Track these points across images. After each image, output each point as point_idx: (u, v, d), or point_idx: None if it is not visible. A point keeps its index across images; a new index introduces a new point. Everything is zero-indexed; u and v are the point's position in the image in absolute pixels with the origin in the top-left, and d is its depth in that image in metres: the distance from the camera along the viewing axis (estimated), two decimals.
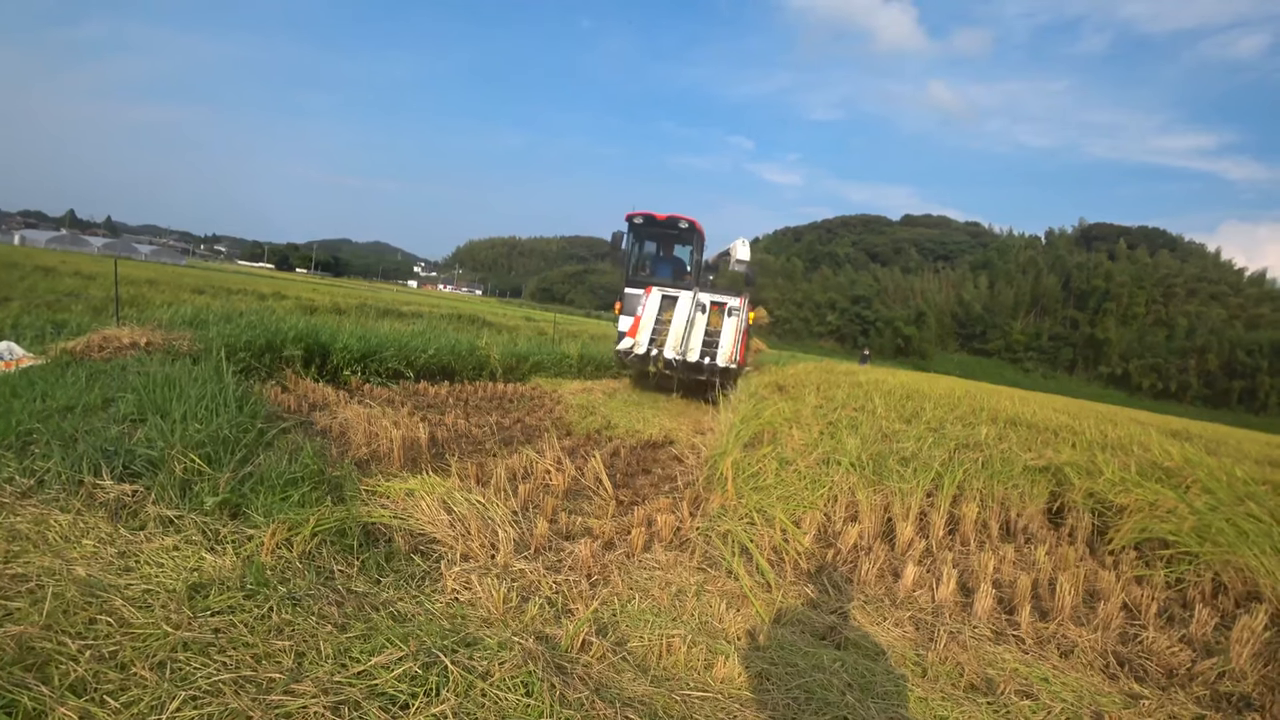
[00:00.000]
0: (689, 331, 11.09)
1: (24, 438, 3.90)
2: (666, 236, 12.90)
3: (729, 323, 11.10)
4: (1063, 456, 6.55)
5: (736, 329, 10.99)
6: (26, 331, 7.66)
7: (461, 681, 2.24)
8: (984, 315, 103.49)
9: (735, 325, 11.04)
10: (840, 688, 2.74)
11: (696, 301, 11.45)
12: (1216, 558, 4.65)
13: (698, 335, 11.06)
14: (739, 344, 10.84)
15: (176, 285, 19.82)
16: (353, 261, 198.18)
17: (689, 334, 11.06)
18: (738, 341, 10.85)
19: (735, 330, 10.97)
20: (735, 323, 11.08)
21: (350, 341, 8.69)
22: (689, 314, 11.26)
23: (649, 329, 11.17)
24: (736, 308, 11.28)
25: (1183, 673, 3.43)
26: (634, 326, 11.34)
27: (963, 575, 4.22)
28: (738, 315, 11.13)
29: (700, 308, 11.48)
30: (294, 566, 2.99)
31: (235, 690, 2.09)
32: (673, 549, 4.13)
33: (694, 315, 11.32)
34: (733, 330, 10.97)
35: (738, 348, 10.78)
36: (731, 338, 10.88)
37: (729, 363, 10.52)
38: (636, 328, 11.26)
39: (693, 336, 11.05)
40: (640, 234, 13.03)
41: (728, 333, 10.93)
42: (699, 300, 11.48)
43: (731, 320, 11.15)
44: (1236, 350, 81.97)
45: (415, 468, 4.85)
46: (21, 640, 2.13)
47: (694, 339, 11.02)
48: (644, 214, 12.38)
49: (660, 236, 12.99)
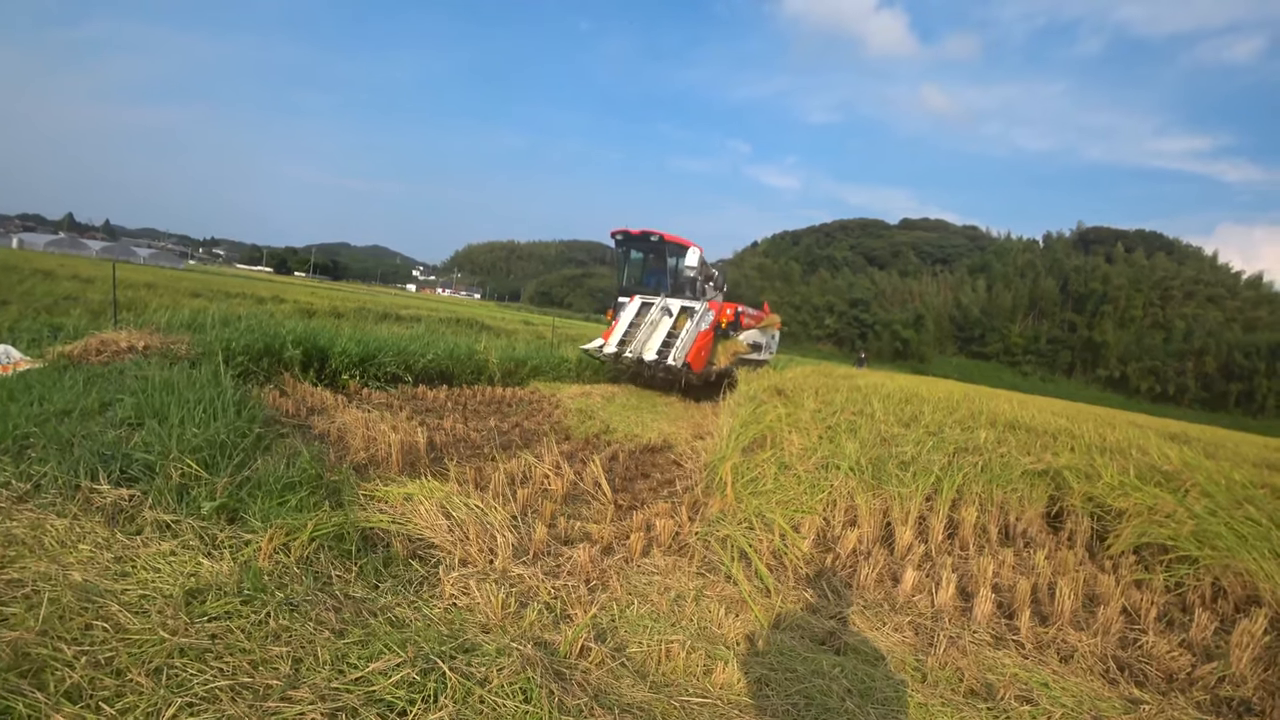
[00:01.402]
0: (651, 333, 12.17)
1: (21, 442, 3.88)
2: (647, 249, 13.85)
3: (688, 326, 11.86)
4: (1061, 460, 6.54)
5: (694, 331, 11.68)
6: (24, 335, 7.64)
7: (460, 688, 2.23)
8: (982, 318, 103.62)
9: (694, 328, 11.74)
10: (840, 693, 2.73)
11: (664, 307, 12.58)
12: (1216, 562, 4.64)
13: (658, 337, 12.00)
14: (693, 345, 11.50)
15: (175, 289, 19.78)
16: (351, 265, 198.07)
17: (651, 336, 12.12)
18: (691, 343, 11.52)
19: (692, 333, 11.68)
20: (694, 326, 11.80)
21: (349, 345, 8.67)
22: (655, 318, 12.40)
23: (621, 331, 12.40)
24: (699, 312, 12.07)
25: (1183, 677, 3.42)
26: (609, 330, 12.62)
27: (962, 580, 4.21)
28: (699, 319, 11.89)
29: (667, 312, 12.51)
30: (291, 572, 2.98)
31: (232, 697, 2.08)
32: (672, 554, 4.12)
33: (659, 319, 12.41)
34: (692, 333, 11.69)
35: (688, 348, 11.43)
36: (686, 339, 11.58)
37: (675, 361, 11.22)
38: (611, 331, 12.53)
39: (653, 338, 12.05)
40: (624, 248, 14.02)
41: (685, 335, 11.68)
42: (666, 305, 12.61)
43: (692, 323, 11.88)
44: (1234, 353, 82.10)
45: (414, 472, 4.84)
46: (17, 646, 2.12)
47: (654, 340, 11.98)
48: (623, 230, 13.39)
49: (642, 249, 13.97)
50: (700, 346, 11.68)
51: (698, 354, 11.60)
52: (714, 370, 12.55)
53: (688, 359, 11.31)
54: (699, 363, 11.68)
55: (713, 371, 12.54)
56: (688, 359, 11.31)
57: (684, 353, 11.37)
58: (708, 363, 12.22)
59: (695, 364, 11.53)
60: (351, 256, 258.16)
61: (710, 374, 12.58)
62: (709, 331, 12.02)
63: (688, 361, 11.29)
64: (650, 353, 11.69)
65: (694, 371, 11.59)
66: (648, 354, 11.70)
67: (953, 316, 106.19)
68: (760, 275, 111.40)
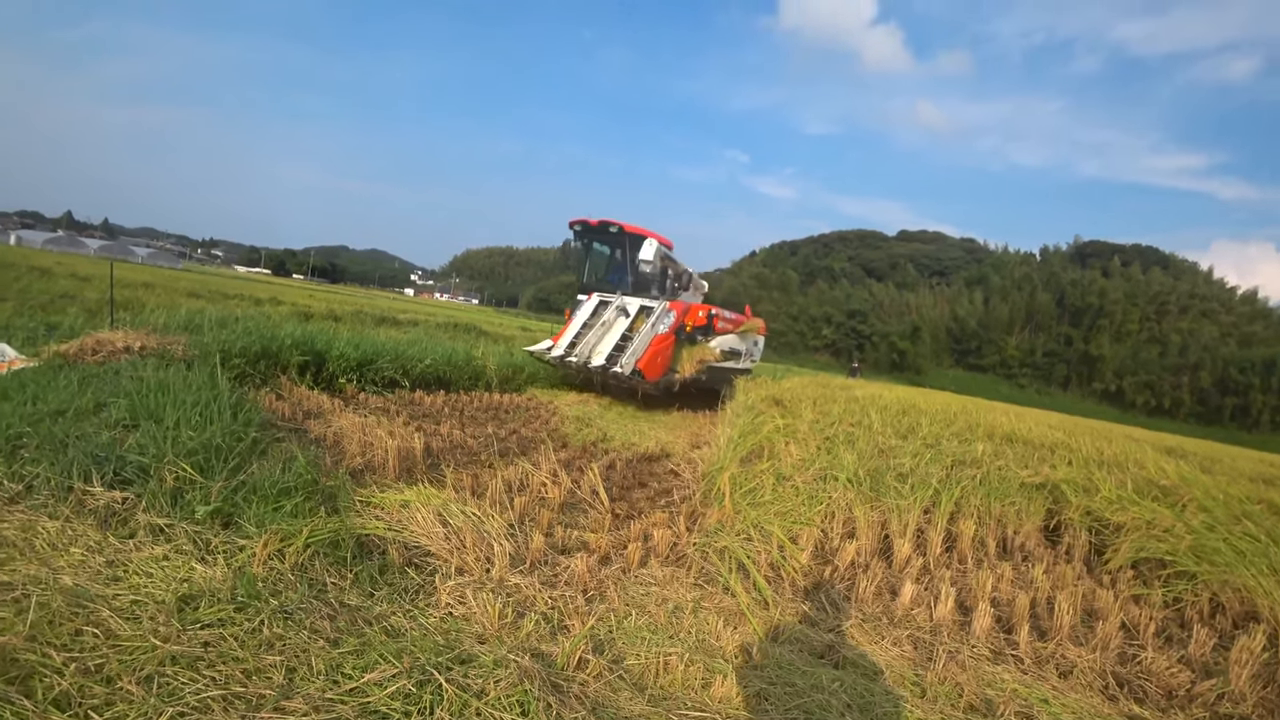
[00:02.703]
0: (604, 336, 11.09)
1: (13, 441, 3.84)
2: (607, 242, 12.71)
3: (644, 328, 10.75)
4: (1059, 474, 6.53)
5: (649, 335, 10.58)
6: (19, 333, 7.60)
7: (456, 700, 2.20)
8: (979, 331, 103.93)
9: (649, 331, 10.64)
10: (839, 708, 2.70)
11: (621, 306, 11.39)
12: (1214, 577, 4.63)
13: (610, 339, 10.90)
14: (648, 350, 10.34)
15: (172, 289, 19.73)
16: (350, 268, 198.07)
17: (603, 338, 11.05)
18: (645, 347, 10.38)
19: (647, 336, 10.54)
20: (650, 328, 10.68)
21: (346, 349, 8.64)
22: (610, 318, 11.29)
23: (572, 333, 11.35)
24: (656, 312, 10.91)
25: (1182, 694, 3.41)
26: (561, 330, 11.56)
27: (961, 593, 4.19)
28: (656, 320, 10.76)
29: (623, 312, 11.33)
30: (286, 578, 2.95)
31: (224, 707, 2.04)
32: (669, 564, 4.09)
33: (614, 320, 11.28)
34: (647, 336, 10.55)
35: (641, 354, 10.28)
36: (639, 343, 10.45)
37: (624, 368, 10.08)
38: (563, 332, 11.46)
39: (605, 340, 10.97)
40: (584, 240, 12.86)
41: (639, 338, 10.54)
42: (624, 305, 11.40)
43: (648, 325, 10.76)
44: (1229, 367, 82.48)
45: (410, 478, 4.81)
46: (4, 651, 2.08)
47: (605, 343, 10.88)
48: (581, 221, 12.23)
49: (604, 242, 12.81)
50: (656, 352, 10.43)
51: (652, 360, 10.32)
52: (676, 379, 11.13)
53: (639, 365, 10.09)
54: (654, 370, 10.35)
55: (675, 380, 11.13)
56: (639, 365, 10.09)
57: (635, 358, 10.17)
58: (668, 370, 10.89)
59: (649, 371, 10.22)
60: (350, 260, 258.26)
61: (672, 383, 11.13)
62: (668, 335, 10.76)
63: (639, 368, 10.07)
64: (599, 357, 10.58)
65: (648, 380, 10.26)
66: (596, 358, 10.58)
67: (949, 329, 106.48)
68: (758, 285, 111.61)
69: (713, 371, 12.16)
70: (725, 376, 12.91)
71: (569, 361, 10.78)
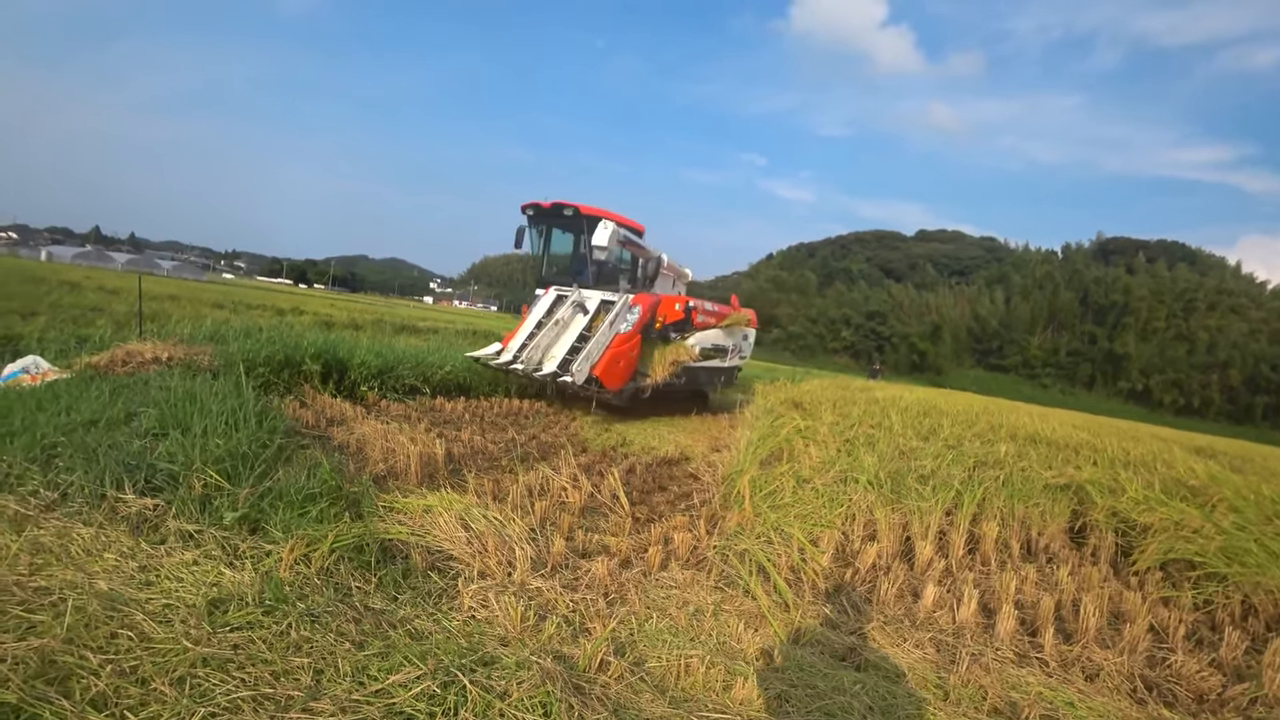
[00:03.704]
0: (558, 336, 9.69)
1: (48, 451, 3.95)
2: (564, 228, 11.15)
3: (603, 328, 9.27)
4: (1084, 474, 6.45)
5: (608, 334, 9.21)
6: (51, 345, 7.79)
7: (480, 701, 2.23)
8: (1000, 331, 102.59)
9: (608, 330, 9.24)
10: (861, 711, 2.69)
11: (578, 302, 9.92)
12: (1246, 579, 4.54)
13: (566, 341, 9.51)
14: (606, 353, 9.01)
15: (197, 300, 20.10)
16: (369, 277, 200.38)
17: (557, 340, 9.65)
18: (603, 350, 9.03)
19: (606, 336, 9.18)
20: (609, 327, 9.26)
21: (368, 357, 8.75)
22: (565, 316, 9.91)
23: (524, 333, 9.94)
24: (617, 307, 9.48)
25: (1213, 698, 3.35)
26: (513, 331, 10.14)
27: (984, 596, 4.15)
28: (616, 317, 9.37)
29: (581, 308, 9.89)
30: (312, 583, 3.00)
31: (254, 707, 2.09)
32: (690, 568, 4.10)
33: (570, 317, 9.91)
34: (605, 336, 9.17)
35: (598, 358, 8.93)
36: (595, 345, 9.05)
37: (577, 376, 8.64)
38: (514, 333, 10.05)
39: (559, 343, 9.56)
40: (539, 228, 11.38)
41: (595, 339, 9.11)
42: (582, 300, 9.92)
43: (607, 324, 9.31)
44: (1260, 365, 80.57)
45: (432, 484, 4.87)
46: (44, 653, 2.15)
47: (559, 346, 9.46)
48: (534, 204, 10.79)
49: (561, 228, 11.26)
50: (617, 354, 9.06)
51: (612, 364, 8.97)
52: (646, 385, 9.80)
53: (595, 372, 8.78)
54: (614, 377, 9.02)
55: (645, 387, 9.81)
56: (595, 372, 8.78)
57: (591, 363, 8.81)
58: (634, 375, 9.59)
59: (609, 379, 8.89)
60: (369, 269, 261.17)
61: (641, 389, 9.78)
62: (632, 334, 9.32)
63: (596, 375, 8.77)
64: (551, 362, 9.12)
65: (607, 389, 8.96)
66: (548, 364, 9.10)
67: (970, 329, 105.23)
68: (776, 287, 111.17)
69: (692, 372, 10.97)
70: (711, 377, 11.88)
71: (515, 369, 9.30)
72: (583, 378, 8.65)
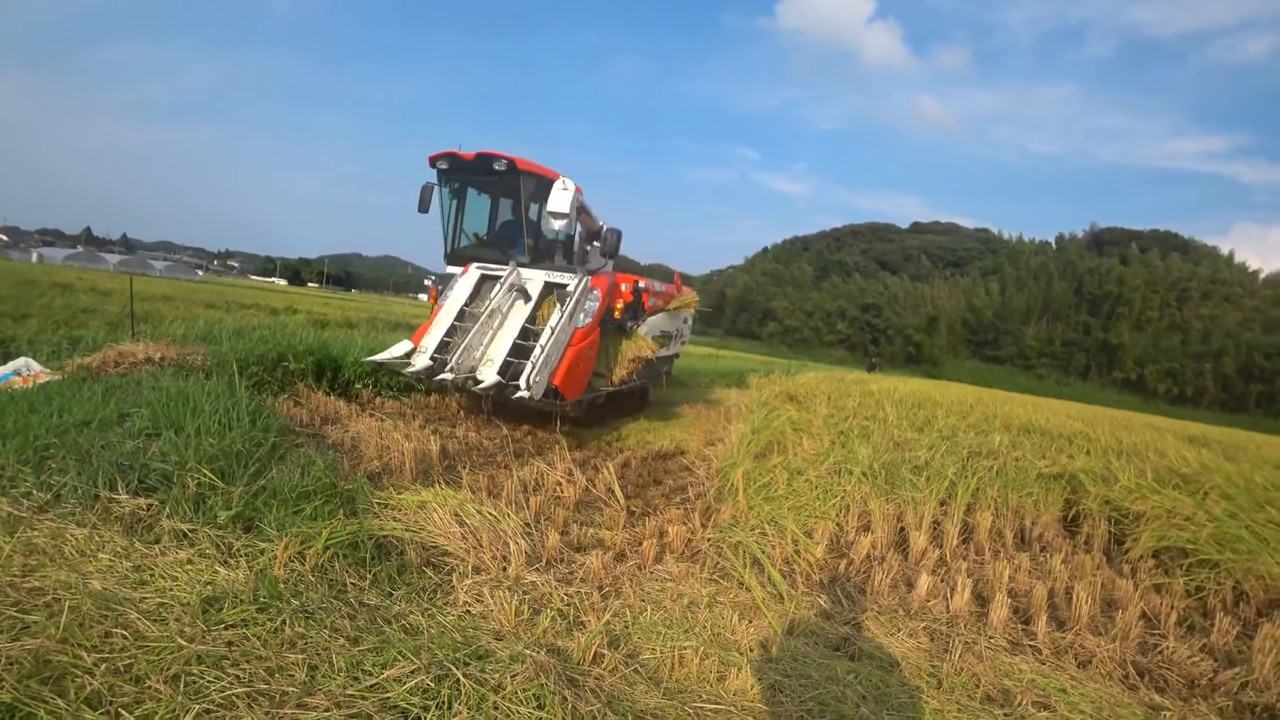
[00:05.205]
0: (494, 332, 7.23)
1: (41, 453, 3.94)
2: (491, 188, 8.58)
3: (558, 318, 6.96)
4: (1077, 464, 6.49)
5: (566, 330, 6.97)
6: (43, 347, 7.75)
7: (473, 694, 2.24)
8: (995, 322, 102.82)
9: (565, 324, 6.96)
10: (855, 700, 2.71)
11: (517, 285, 7.48)
12: (1237, 565, 4.58)
13: (505, 339, 7.10)
14: (566, 356, 6.87)
15: (190, 300, 20.03)
16: (364, 275, 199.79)
17: (495, 335, 7.21)
18: (562, 351, 6.85)
19: (565, 333, 6.94)
20: (566, 319, 6.98)
21: (362, 355, 8.73)
22: (501, 304, 7.34)
23: (443, 328, 7.36)
24: (574, 293, 7.23)
25: (1205, 683, 3.38)
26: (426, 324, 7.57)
27: (977, 585, 4.18)
28: (574, 306, 7.14)
29: (521, 294, 7.49)
30: (307, 579, 3.01)
31: (249, 704, 2.10)
32: (684, 560, 4.12)
33: (508, 307, 7.42)
34: (564, 332, 6.93)
35: (555, 362, 6.75)
36: (552, 346, 6.73)
37: (532, 388, 6.35)
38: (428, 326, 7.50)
39: (496, 342, 7.14)
40: (454, 186, 8.46)
41: (550, 339, 6.74)
42: (521, 282, 7.51)
43: (562, 315, 7.00)
44: (1254, 353, 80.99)
45: (427, 480, 4.86)
46: (39, 653, 2.15)
47: (497, 346, 7.07)
48: (448, 154, 8.04)
49: (485, 188, 8.65)
50: (577, 355, 6.96)
51: (573, 369, 6.88)
52: (603, 390, 7.97)
53: (555, 381, 6.68)
54: (574, 384, 7.02)
55: (601, 393, 7.99)
56: (555, 381, 6.68)
57: (550, 370, 6.65)
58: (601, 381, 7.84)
59: (568, 388, 6.86)
60: (363, 266, 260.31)
61: (598, 395, 7.94)
62: (592, 327, 7.23)
63: (557, 386, 6.69)
64: (490, 370, 6.70)
65: (568, 399, 6.96)
66: (486, 373, 6.70)
67: (965, 320, 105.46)
68: (772, 281, 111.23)
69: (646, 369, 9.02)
70: (657, 370, 10.15)
71: (442, 378, 6.78)
72: (541, 390, 6.50)
